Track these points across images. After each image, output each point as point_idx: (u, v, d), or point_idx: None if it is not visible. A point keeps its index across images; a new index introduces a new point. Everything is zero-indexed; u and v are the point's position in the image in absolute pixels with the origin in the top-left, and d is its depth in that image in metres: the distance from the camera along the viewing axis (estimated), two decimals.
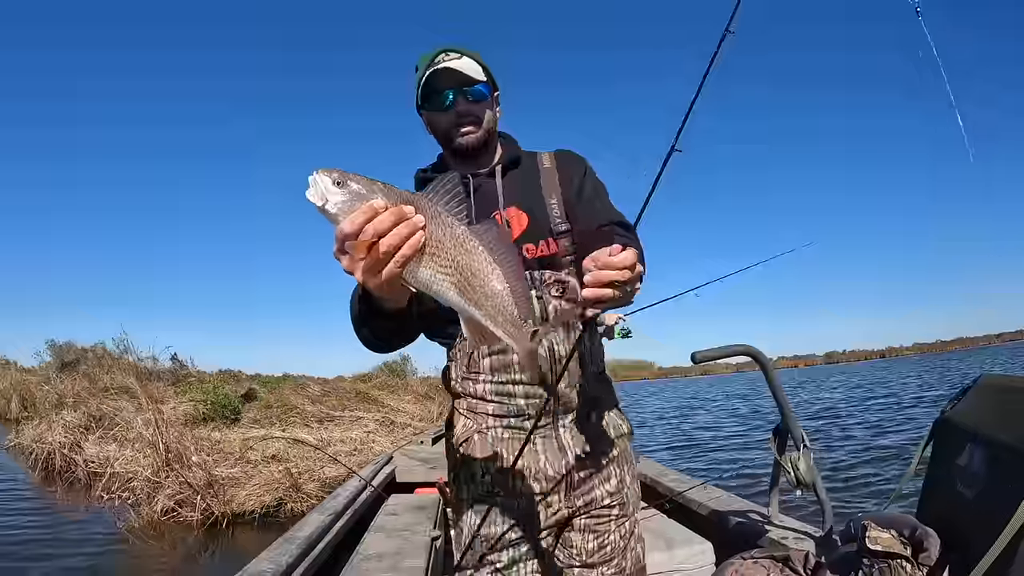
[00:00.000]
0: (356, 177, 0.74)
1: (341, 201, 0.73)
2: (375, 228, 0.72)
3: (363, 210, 0.73)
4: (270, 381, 15.73)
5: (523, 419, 1.26)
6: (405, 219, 0.73)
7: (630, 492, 1.35)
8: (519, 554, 1.24)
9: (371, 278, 0.76)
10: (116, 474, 6.50)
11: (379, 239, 0.73)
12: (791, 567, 1.54)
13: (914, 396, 17.65)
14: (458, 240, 0.78)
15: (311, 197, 0.73)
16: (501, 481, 1.24)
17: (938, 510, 1.32)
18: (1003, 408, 1.21)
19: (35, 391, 12.57)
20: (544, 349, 1.22)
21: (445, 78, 1.26)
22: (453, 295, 0.79)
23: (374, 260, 0.74)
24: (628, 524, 1.33)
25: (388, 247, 0.73)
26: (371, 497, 3.55)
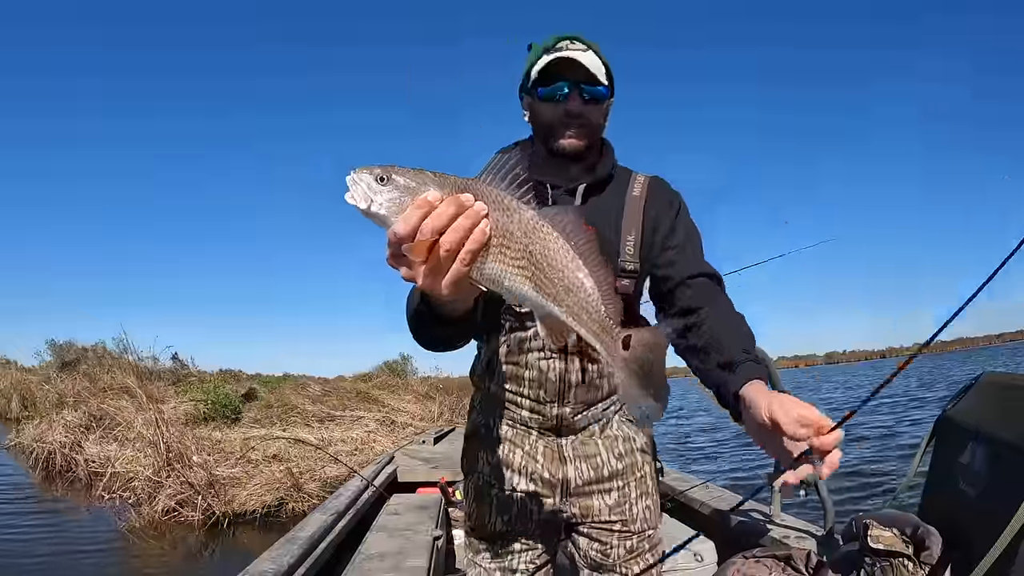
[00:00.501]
0: (401, 169, 0.65)
1: (389, 199, 0.64)
2: (433, 224, 0.62)
3: (417, 205, 0.62)
4: (270, 381, 15.75)
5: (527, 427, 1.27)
6: (465, 209, 0.63)
7: (636, 508, 1.29)
8: (512, 548, 1.26)
9: (435, 282, 0.65)
10: (117, 474, 6.50)
11: (439, 236, 0.62)
12: (793, 566, 1.54)
13: (915, 395, 17.64)
14: (528, 226, 0.67)
15: (353, 200, 0.64)
16: (499, 476, 1.27)
17: (940, 508, 1.32)
18: (1004, 406, 1.21)
19: (35, 391, 12.57)
20: (555, 373, 1.21)
21: (565, 67, 1.13)
22: (528, 290, 0.68)
23: (436, 261, 0.64)
24: (635, 540, 1.28)
25: (451, 244, 0.63)
26: (373, 497, 3.55)
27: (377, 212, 0.64)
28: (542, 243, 0.67)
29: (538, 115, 1.19)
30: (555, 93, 1.15)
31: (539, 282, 0.68)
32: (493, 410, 1.30)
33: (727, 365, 1.02)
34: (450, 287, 0.66)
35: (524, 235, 0.66)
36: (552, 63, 1.13)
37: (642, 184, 1.25)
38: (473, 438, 1.33)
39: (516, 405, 1.26)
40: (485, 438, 1.29)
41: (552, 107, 1.16)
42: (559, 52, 1.14)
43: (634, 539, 1.29)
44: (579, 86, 1.14)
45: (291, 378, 16.32)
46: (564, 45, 1.15)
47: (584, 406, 1.25)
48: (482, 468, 1.29)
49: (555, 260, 0.68)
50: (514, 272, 0.67)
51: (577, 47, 1.15)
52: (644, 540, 1.30)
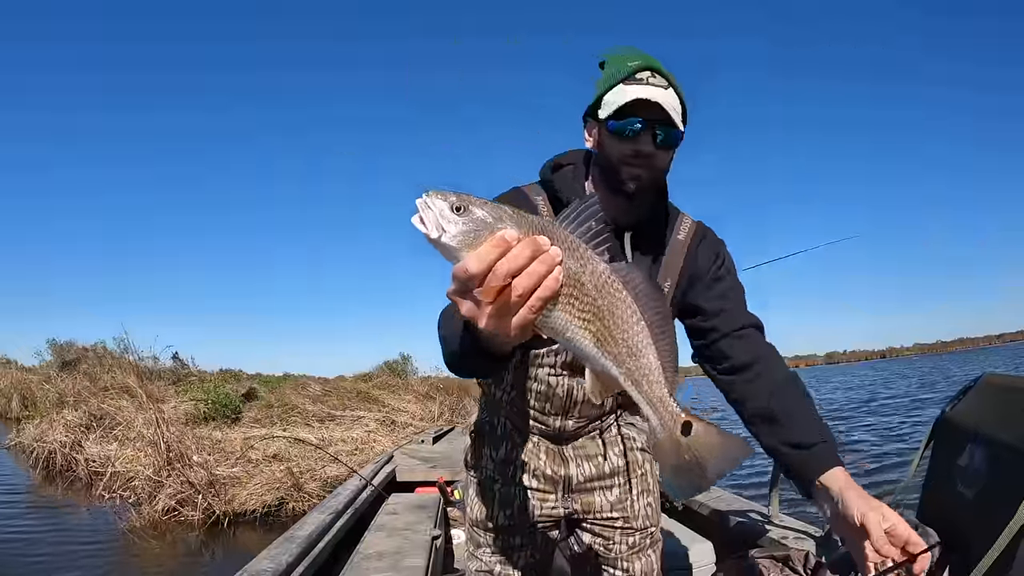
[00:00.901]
0: (478, 201, 0.60)
1: (463, 232, 0.59)
2: (509, 267, 0.57)
3: (494, 244, 0.58)
4: (271, 380, 15.76)
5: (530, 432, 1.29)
6: (541, 252, 0.58)
7: (638, 505, 1.31)
8: (513, 542, 1.27)
9: (498, 325, 0.61)
10: (117, 473, 6.51)
11: (512, 279, 0.58)
12: (791, 567, 1.54)
13: (914, 396, 17.64)
14: (600, 280, 0.63)
15: (423, 226, 0.59)
16: (502, 471, 1.28)
17: (938, 510, 1.32)
18: (1004, 408, 1.21)
19: (36, 390, 12.59)
20: (562, 389, 1.21)
21: (643, 107, 1.05)
22: (590, 345, 0.65)
23: (504, 304, 0.59)
24: (637, 537, 1.30)
25: (524, 289, 0.58)
26: (371, 496, 3.56)
27: (448, 244, 0.59)
28: (611, 299, 0.64)
29: (604, 148, 1.12)
30: (626, 129, 1.07)
31: (602, 339, 0.64)
32: (498, 410, 1.32)
33: (799, 445, 1.05)
34: (514, 332, 0.62)
35: (595, 288, 0.63)
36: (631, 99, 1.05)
37: (688, 230, 1.22)
38: (478, 435, 1.35)
39: (519, 414, 1.28)
40: (490, 435, 1.32)
41: (620, 143, 1.08)
42: (638, 85, 1.06)
43: (636, 535, 1.31)
44: (654, 126, 1.06)
45: (291, 378, 16.34)
46: (645, 77, 1.06)
47: (587, 420, 1.27)
48: (486, 464, 1.31)
49: (621, 319, 0.65)
50: (578, 324, 0.63)
51: (658, 82, 1.06)
52: (646, 537, 1.32)
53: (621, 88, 1.07)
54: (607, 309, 0.64)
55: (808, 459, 1.03)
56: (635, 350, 0.66)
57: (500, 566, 1.28)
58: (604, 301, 0.63)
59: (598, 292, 0.63)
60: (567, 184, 1.17)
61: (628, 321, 0.65)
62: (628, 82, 1.06)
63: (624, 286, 0.65)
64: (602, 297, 0.63)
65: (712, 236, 1.24)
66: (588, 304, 0.63)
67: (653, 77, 1.07)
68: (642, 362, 0.66)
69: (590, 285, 0.63)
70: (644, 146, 1.07)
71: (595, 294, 0.63)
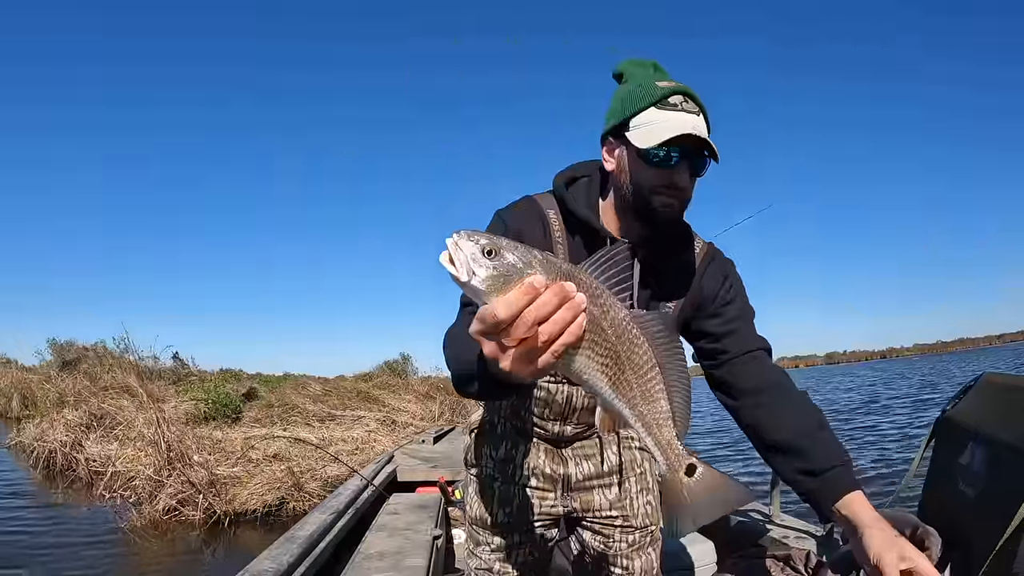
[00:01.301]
0: (508, 244, 0.62)
1: (493, 276, 0.60)
2: (537, 314, 0.59)
3: (524, 291, 0.59)
4: (271, 380, 15.76)
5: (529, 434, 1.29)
6: (568, 300, 0.59)
7: (637, 503, 1.32)
8: (512, 540, 1.28)
9: (521, 367, 0.63)
10: (117, 473, 6.51)
11: (539, 326, 0.59)
12: (792, 566, 1.54)
13: (915, 396, 17.64)
14: (620, 327, 0.65)
15: (453, 268, 0.61)
16: (501, 469, 1.29)
17: (939, 509, 1.32)
18: (1004, 407, 1.21)
19: (36, 390, 12.59)
20: (562, 396, 1.22)
21: (682, 137, 1.00)
22: (606, 388, 0.67)
23: (529, 348, 0.61)
24: (637, 535, 1.31)
25: (549, 336, 0.59)
26: (372, 496, 3.56)
27: (477, 287, 0.60)
28: (629, 345, 0.66)
29: (634, 175, 1.07)
30: (669, 160, 1.02)
31: (617, 383, 0.67)
32: (498, 411, 1.33)
33: (813, 472, 1.04)
34: (536, 373, 0.63)
35: (614, 334, 0.65)
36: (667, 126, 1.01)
37: (699, 251, 1.20)
38: (478, 433, 1.36)
39: (519, 417, 1.28)
40: (489, 434, 1.33)
41: (655, 172, 1.04)
42: (672, 111, 1.02)
43: (636, 534, 1.31)
44: (691, 157, 1.03)
45: (291, 377, 16.35)
46: (679, 103, 1.02)
47: (585, 426, 1.27)
48: (485, 462, 1.32)
49: (637, 365, 0.67)
50: (596, 368, 0.66)
51: (691, 108, 1.03)
52: (646, 535, 1.32)
53: (655, 113, 1.02)
54: (625, 355, 0.66)
55: (823, 486, 1.02)
56: (648, 395, 0.69)
57: (499, 564, 1.28)
58: (623, 347, 0.66)
59: (617, 338, 0.65)
60: (581, 200, 1.15)
61: (644, 367, 0.67)
62: (661, 106, 1.02)
63: (642, 333, 0.67)
64: (621, 343, 0.65)
65: (721, 258, 1.22)
66: (608, 349, 0.65)
67: (687, 103, 1.03)
68: (654, 407, 0.69)
69: (610, 331, 0.65)
70: (680, 179, 1.04)
71: (614, 340, 0.65)
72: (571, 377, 0.68)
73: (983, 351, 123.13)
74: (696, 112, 1.03)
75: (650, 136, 1.01)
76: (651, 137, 1.01)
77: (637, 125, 1.03)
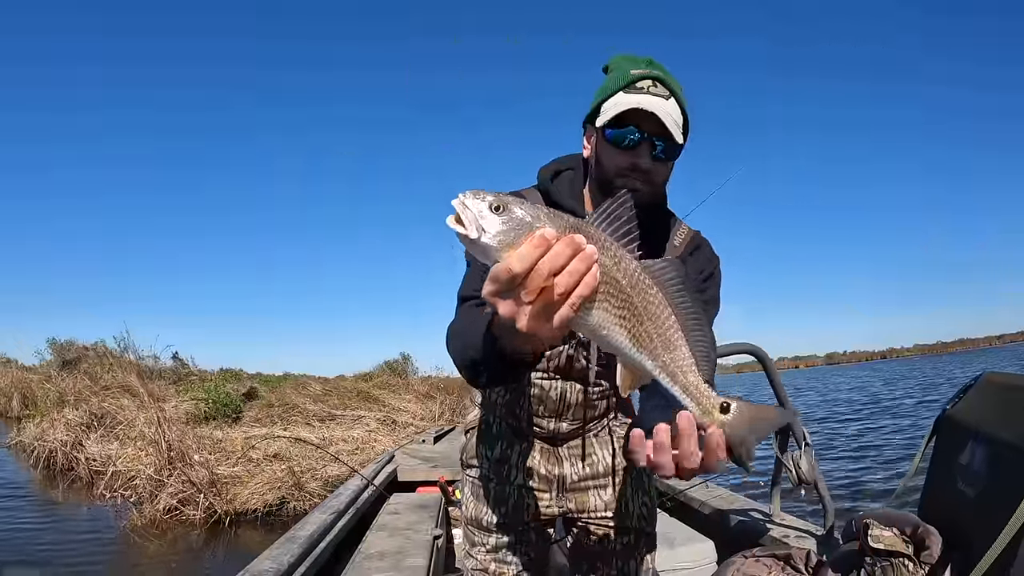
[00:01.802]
0: (517, 200, 0.61)
1: (503, 231, 0.59)
2: (551, 265, 0.58)
3: (535, 243, 0.58)
4: (271, 380, 15.76)
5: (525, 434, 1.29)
6: (581, 251, 0.59)
7: (632, 505, 1.31)
8: (508, 540, 1.28)
9: (539, 325, 0.61)
10: (118, 472, 6.51)
11: (553, 278, 0.59)
12: (793, 565, 1.54)
13: (915, 395, 17.64)
14: (633, 277, 0.64)
15: (461, 227, 0.60)
16: (496, 470, 1.29)
17: (940, 508, 1.33)
18: (1004, 406, 1.22)
19: (36, 389, 12.59)
20: (556, 392, 1.22)
21: (641, 118, 1.01)
22: (625, 341, 0.66)
23: (546, 303, 0.60)
24: (632, 536, 1.31)
25: (566, 287, 0.59)
26: (373, 496, 3.56)
27: (488, 244, 0.59)
28: (644, 295, 0.65)
29: (601, 158, 1.08)
30: (623, 139, 1.03)
31: (637, 335, 0.66)
32: (493, 410, 1.32)
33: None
34: (554, 331, 0.62)
35: (629, 285, 0.64)
36: (629, 109, 1.01)
37: (684, 237, 1.19)
38: (474, 434, 1.35)
39: (514, 416, 1.28)
40: (485, 434, 1.32)
41: (617, 154, 1.05)
42: (638, 94, 1.02)
43: (631, 535, 1.31)
44: (652, 138, 1.02)
45: (291, 377, 16.35)
46: (646, 86, 1.02)
47: (581, 423, 1.27)
48: (481, 463, 1.32)
49: (655, 315, 0.66)
50: (614, 322, 0.64)
51: (659, 91, 1.02)
52: (641, 536, 1.32)
53: (621, 96, 1.03)
54: (641, 305, 0.65)
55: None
56: (669, 344, 0.67)
57: (495, 564, 1.28)
58: (638, 297, 0.65)
59: (632, 288, 0.64)
60: (565, 192, 1.15)
61: (661, 316, 0.66)
62: (628, 90, 1.03)
63: (655, 282, 0.66)
64: (636, 293, 0.64)
65: (707, 249, 1.21)
66: (623, 300, 0.64)
67: (655, 86, 1.02)
68: (676, 355, 0.67)
69: (624, 282, 0.64)
70: (642, 159, 1.03)
71: (630, 291, 0.64)
72: (589, 335, 0.66)
73: (983, 352, 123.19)
74: (665, 96, 1.02)
75: (607, 116, 1.03)
76: (607, 116, 1.03)
77: (605, 109, 1.04)
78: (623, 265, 0.64)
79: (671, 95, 1.03)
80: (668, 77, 1.05)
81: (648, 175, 1.05)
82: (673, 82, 1.05)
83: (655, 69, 1.05)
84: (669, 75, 1.06)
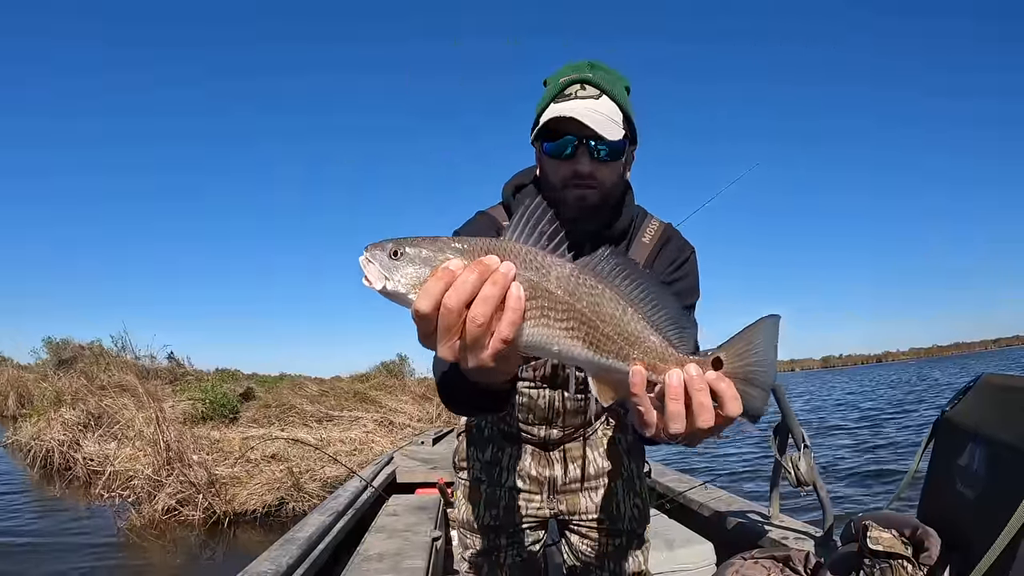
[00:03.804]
0: (416, 240, 0.59)
1: (406, 274, 0.58)
2: (457, 296, 0.55)
3: (437, 277, 0.56)
4: (267, 381, 15.72)
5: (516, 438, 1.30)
6: (490, 273, 0.56)
7: (623, 507, 1.31)
8: (499, 542, 1.28)
9: (477, 359, 0.58)
10: (116, 472, 6.48)
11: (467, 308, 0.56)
12: (791, 567, 1.54)
13: (914, 396, 17.68)
14: (570, 283, 0.60)
15: (369, 282, 0.59)
16: (488, 472, 1.29)
17: (939, 510, 1.33)
18: (1003, 407, 1.22)
19: (32, 388, 12.54)
20: (544, 400, 1.22)
21: (573, 124, 0.98)
22: (583, 351, 0.61)
23: (472, 338, 0.57)
24: (624, 538, 1.31)
25: (481, 316, 0.55)
26: (372, 498, 3.56)
27: (396, 291, 0.58)
28: (590, 298, 0.60)
29: (546, 170, 1.07)
30: (561, 151, 1.01)
31: (595, 341, 0.61)
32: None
33: None
34: (494, 362, 0.58)
35: (566, 293, 0.59)
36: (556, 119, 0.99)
37: (654, 232, 1.17)
38: (465, 436, 1.36)
39: (504, 421, 1.29)
40: (477, 437, 1.33)
41: (558, 164, 1.03)
42: (565, 102, 1.00)
43: (622, 537, 1.31)
44: (588, 143, 1.00)
45: (288, 378, 16.31)
46: (573, 92, 1.00)
47: (572, 428, 1.27)
48: (472, 465, 1.32)
49: (609, 314, 0.61)
50: (562, 335, 0.60)
51: (588, 93, 1.00)
52: (633, 538, 1.32)
53: (552, 107, 1.01)
54: (590, 310, 0.60)
55: None
56: (635, 338, 0.62)
57: (487, 566, 1.28)
58: (583, 303, 0.60)
59: (572, 295, 0.60)
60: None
61: (616, 313, 0.61)
62: (558, 99, 1.01)
63: (598, 280, 0.61)
64: (578, 300, 0.60)
65: (678, 240, 1.19)
66: (566, 311, 0.59)
67: (583, 89, 1.00)
68: (647, 345, 0.62)
69: (560, 292, 0.59)
70: (581, 166, 1.01)
71: (570, 299, 0.59)
72: (543, 354, 0.62)
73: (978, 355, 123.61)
74: (594, 96, 1.00)
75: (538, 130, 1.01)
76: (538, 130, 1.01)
77: (539, 124, 1.02)
78: (555, 273, 0.59)
79: (602, 93, 1.01)
80: (598, 76, 1.02)
81: (591, 178, 1.02)
82: (605, 79, 1.02)
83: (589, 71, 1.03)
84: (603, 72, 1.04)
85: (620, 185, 1.10)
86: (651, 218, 1.20)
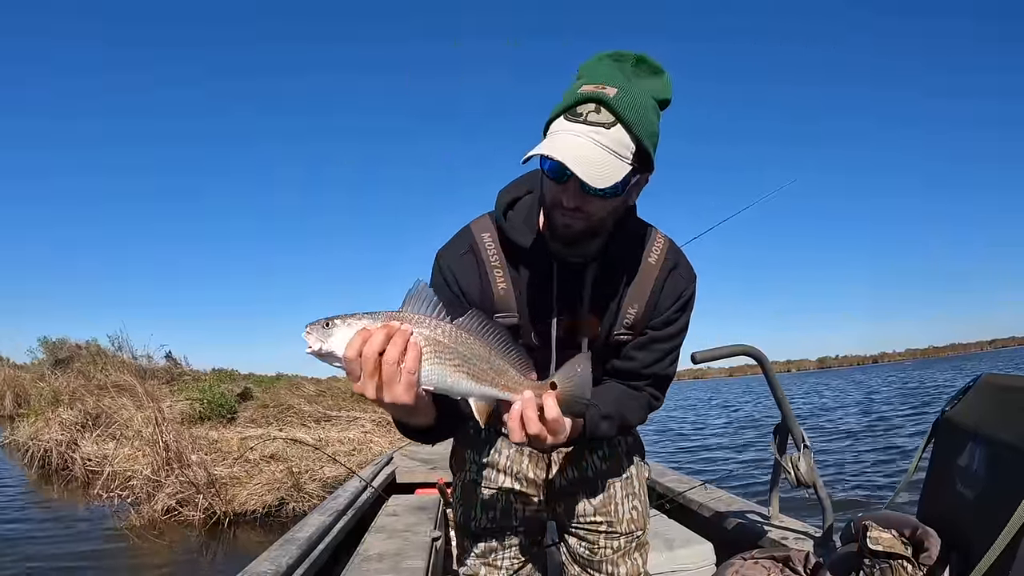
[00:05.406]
0: (342, 316, 0.83)
1: (335, 337, 0.81)
2: (372, 347, 0.78)
3: (357, 335, 0.79)
4: (264, 380, 15.68)
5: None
6: (395, 331, 0.79)
7: (622, 508, 1.31)
8: (496, 545, 1.27)
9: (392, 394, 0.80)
10: (115, 472, 6.47)
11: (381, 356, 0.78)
12: (791, 567, 1.55)
13: (914, 396, 17.73)
14: (452, 335, 0.85)
15: (309, 349, 0.81)
16: (484, 474, 1.29)
17: (938, 510, 1.33)
18: (1004, 407, 1.22)
19: (29, 388, 12.50)
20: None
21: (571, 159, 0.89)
22: (468, 382, 0.86)
23: (388, 376, 0.79)
24: (622, 540, 1.31)
25: (392, 358, 0.78)
26: (371, 498, 3.55)
27: (330, 349, 0.81)
28: (467, 345, 0.85)
29: (544, 189, 1.03)
30: (555, 173, 0.95)
31: (474, 373, 0.86)
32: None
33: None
34: (405, 395, 0.80)
35: (451, 341, 0.84)
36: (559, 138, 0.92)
37: (660, 251, 1.14)
38: (462, 438, 1.35)
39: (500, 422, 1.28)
40: (473, 439, 1.32)
41: (552, 185, 0.97)
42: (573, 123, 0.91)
43: (621, 539, 1.30)
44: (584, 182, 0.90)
45: (285, 378, 16.26)
46: (585, 113, 0.90)
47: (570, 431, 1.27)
48: (469, 467, 1.31)
49: (480, 355, 0.86)
50: (452, 371, 0.84)
51: (600, 119, 0.90)
52: (631, 540, 1.31)
53: (560, 123, 0.93)
54: (467, 351, 0.85)
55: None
56: (500, 370, 0.88)
57: (484, 568, 1.28)
58: (463, 347, 0.85)
59: (454, 342, 0.85)
60: (518, 228, 1.11)
61: (483, 354, 0.87)
62: (568, 116, 0.92)
63: (470, 333, 0.86)
64: (460, 345, 0.85)
65: (684, 269, 1.17)
66: (453, 353, 0.84)
67: (596, 112, 0.90)
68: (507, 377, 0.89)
69: (447, 340, 0.84)
70: (568, 197, 0.95)
71: (454, 345, 0.85)
72: (441, 389, 0.85)
73: (974, 356, 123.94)
74: (605, 124, 0.90)
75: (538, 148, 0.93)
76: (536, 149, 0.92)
77: (548, 134, 0.95)
78: (440, 329, 0.84)
79: (616, 121, 0.90)
80: (622, 100, 0.90)
81: (579, 211, 0.97)
82: (630, 103, 0.91)
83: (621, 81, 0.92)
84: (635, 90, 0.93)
85: (616, 213, 1.04)
86: (655, 236, 1.16)
